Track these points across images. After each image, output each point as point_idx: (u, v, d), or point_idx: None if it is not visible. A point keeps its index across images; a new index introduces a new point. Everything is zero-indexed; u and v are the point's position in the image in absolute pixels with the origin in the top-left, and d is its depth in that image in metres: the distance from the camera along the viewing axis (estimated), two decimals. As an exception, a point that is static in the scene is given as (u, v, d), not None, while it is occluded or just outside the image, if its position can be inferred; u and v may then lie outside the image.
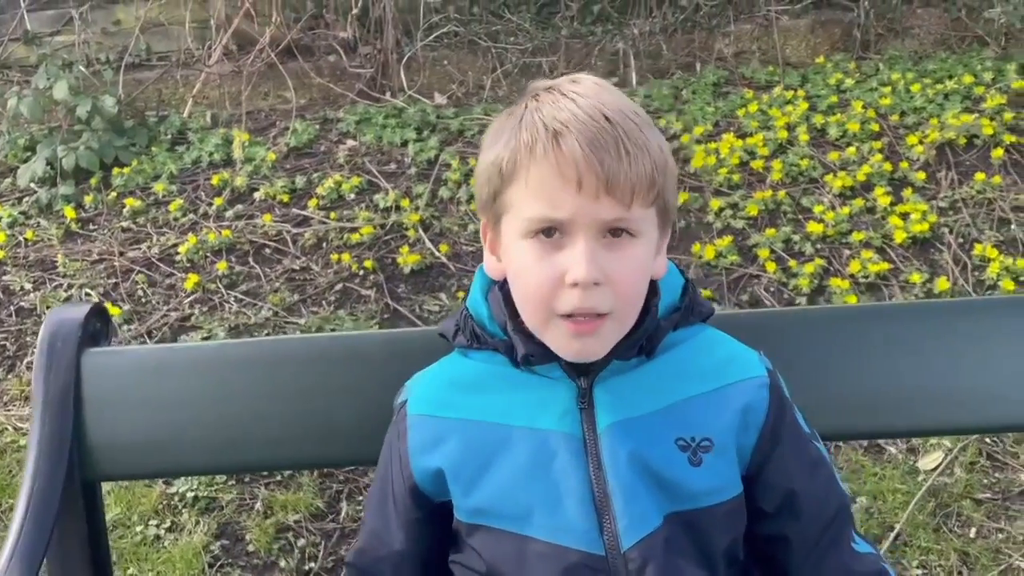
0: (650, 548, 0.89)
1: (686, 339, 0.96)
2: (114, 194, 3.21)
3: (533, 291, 0.90)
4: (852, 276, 2.62)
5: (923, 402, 1.17)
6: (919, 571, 1.88)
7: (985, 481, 2.08)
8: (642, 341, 0.93)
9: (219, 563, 1.97)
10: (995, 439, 2.17)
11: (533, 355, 0.93)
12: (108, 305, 2.68)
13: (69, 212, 3.12)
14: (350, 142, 3.42)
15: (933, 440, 2.16)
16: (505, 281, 0.96)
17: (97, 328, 1.16)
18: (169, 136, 3.50)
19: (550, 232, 0.88)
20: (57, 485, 1.06)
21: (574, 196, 0.86)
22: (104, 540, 1.17)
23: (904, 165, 3.00)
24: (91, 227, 3.12)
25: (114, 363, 1.16)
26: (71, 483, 1.09)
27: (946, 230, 2.77)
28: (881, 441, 2.18)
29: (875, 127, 3.17)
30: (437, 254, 2.83)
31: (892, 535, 1.93)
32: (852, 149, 3.08)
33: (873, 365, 1.16)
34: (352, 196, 3.11)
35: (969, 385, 1.17)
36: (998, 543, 1.93)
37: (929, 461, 2.13)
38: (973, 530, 1.96)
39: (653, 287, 0.94)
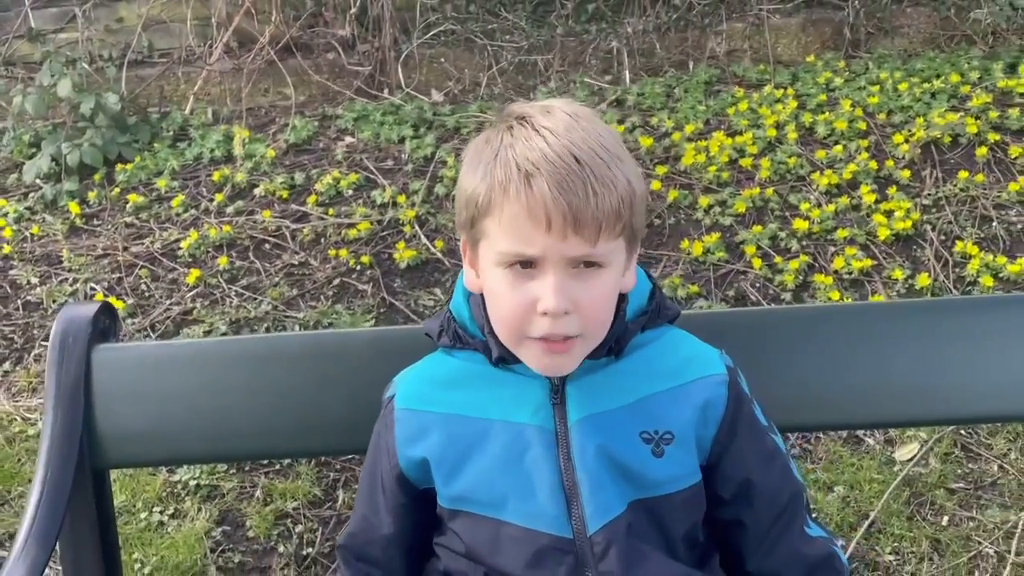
0: (613, 532, 0.97)
1: (653, 340, 1.04)
2: (117, 190, 3.29)
3: (507, 315, 0.97)
4: (836, 272, 2.70)
5: (901, 395, 1.24)
6: (892, 557, 1.96)
7: (959, 471, 2.15)
8: (611, 343, 1.00)
9: (220, 548, 2.05)
10: (970, 431, 2.25)
11: (507, 359, 1.00)
12: (112, 299, 2.76)
13: (74, 208, 3.19)
14: (348, 139, 3.49)
15: (910, 432, 2.24)
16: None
17: (106, 325, 1.23)
18: (171, 132, 3.57)
19: (523, 264, 0.94)
20: (69, 472, 1.14)
21: (544, 235, 0.92)
22: (113, 525, 1.24)
23: (890, 163, 3.07)
24: (95, 222, 3.19)
25: (122, 358, 1.23)
26: (82, 471, 1.17)
27: (929, 227, 2.84)
28: (860, 433, 2.26)
29: (862, 125, 3.24)
30: (432, 250, 2.90)
31: (867, 523, 2.01)
32: (839, 147, 3.15)
33: (852, 361, 1.23)
34: (350, 192, 3.19)
35: (945, 379, 1.24)
36: (969, 531, 2.00)
37: (905, 452, 2.20)
38: (945, 518, 2.04)
39: (622, 295, 1.01)
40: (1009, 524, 1.99)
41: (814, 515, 1.08)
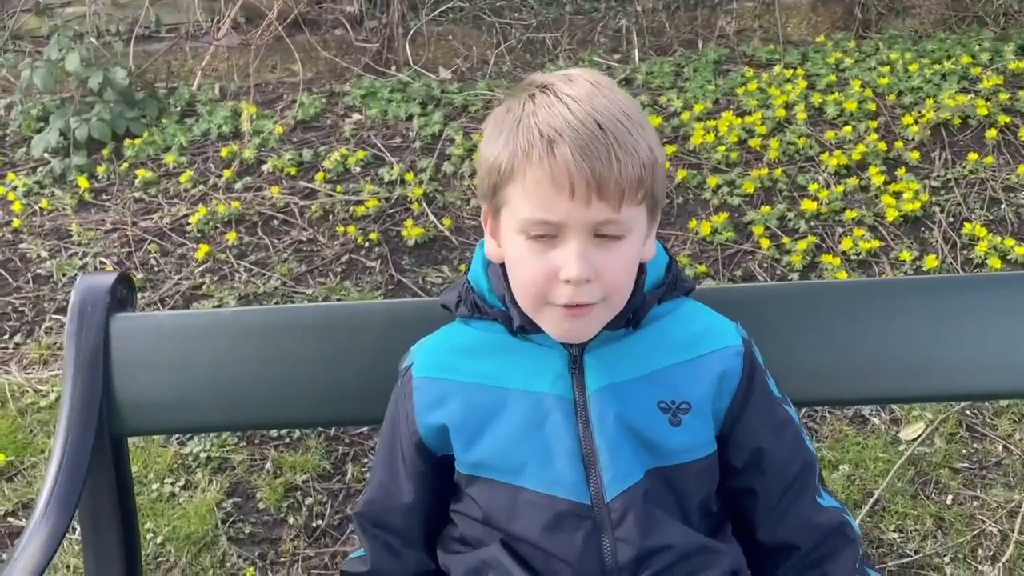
0: (631, 499, 0.98)
1: (669, 311, 1.04)
2: (126, 165, 3.29)
3: (528, 283, 0.97)
4: (844, 253, 2.70)
5: (905, 372, 1.25)
6: (896, 535, 1.98)
7: (964, 451, 2.17)
8: (629, 314, 1.01)
9: (231, 519, 2.08)
10: (975, 411, 2.26)
11: (527, 327, 1.01)
12: (122, 273, 2.77)
13: (83, 182, 3.20)
14: (356, 116, 3.49)
15: (915, 412, 2.25)
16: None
17: (123, 295, 1.24)
18: (179, 108, 3.57)
19: (545, 233, 0.95)
20: (88, 439, 1.16)
21: (567, 201, 0.92)
22: (130, 491, 1.26)
23: (899, 145, 3.06)
24: (104, 197, 3.20)
25: (139, 327, 1.24)
26: (101, 437, 1.18)
27: (937, 209, 2.84)
28: (865, 412, 2.28)
29: (872, 106, 3.23)
30: (440, 227, 2.90)
31: (871, 501, 2.02)
32: (848, 128, 3.14)
33: (856, 338, 1.24)
34: (358, 169, 3.19)
35: (950, 356, 1.25)
36: (973, 510, 2.02)
37: (911, 432, 2.22)
38: (949, 497, 2.05)
39: (640, 266, 1.02)
40: (1013, 503, 2.01)
41: (827, 487, 1.09)
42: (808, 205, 2.84)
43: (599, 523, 0.99)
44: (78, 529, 1.73)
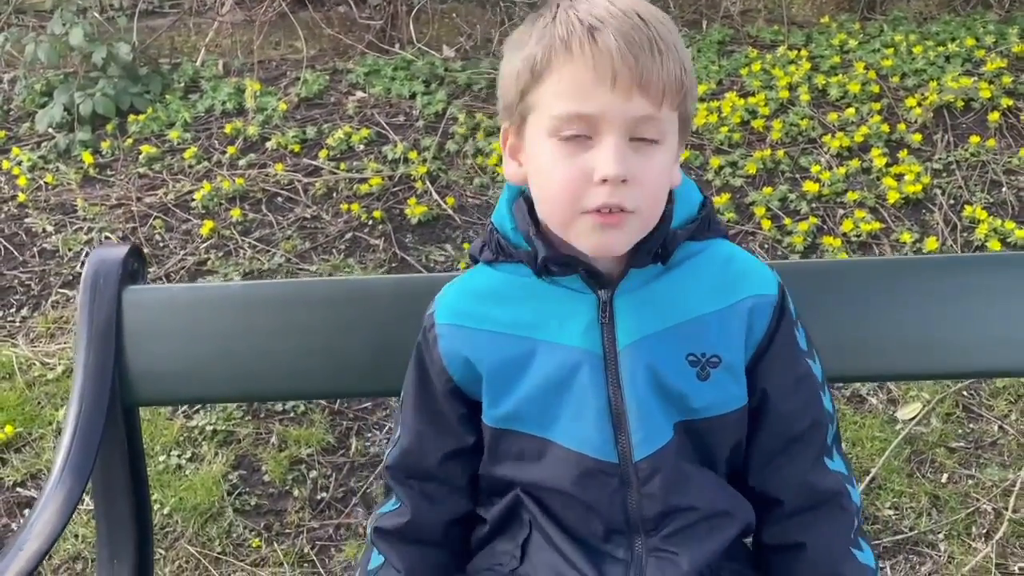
0: (659, 460, 0.98)
1: (701, 250, 1.00)
2: (130, 140, 3.30)
3: (559, 190, 0.92)
4: (845, 235, 2.71)
5: (904, 350, 1.26)
6: (891, 512, 2.01)
7: (960, 431, 2.20)
8: (657, 248, 0.96)
9: (237, 491, 2.11)
10: (972, 392, 2.29)
11: (553, 260, 0.96)
12: (127, 249, 2.79)
13: (87, 157, 3.21)
14: (359, 93, 3.49)
15: (913, 392, 2.28)
16: (528, 193, 0.99)
17: (135, 267, 1.26)
18: (182, 84, 3.57)
19: (578, 133, 0.90)
20: (101, 408, 1.18)
21: (608, 92, 0.88)
22: (142, 460, 1.28)
23: (902, 127, 3.07)
24: (108, 172, 3.21)
25: (151, 299, 1.26)
26: (113, 407, 1.20)
27: (939, 191, 2.85)
28: (863, 392, 2.30)
29: (875, 88, 3.23)
30: (444, 206, 2.92)
31: (868, 478, 2.05)
32: (851, 110, 3.15)
33: (854, 316, 1.25)
34: (361, 147, 3.20)
35: (948, 335, 1.26)
36: (967, 488, 2.05)
37: (908, 411, 2.24)
38: (945, 476, 2.08)
39: (670, 195, 0.97)
40: (1007, 482, 2.04)
41: (843, 453, 1.06)
42: (810, 187, 2.85)
43: (626, 480, 0.99)
44: (86, 500, 1.76)
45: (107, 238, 2.90)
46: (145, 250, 2.82)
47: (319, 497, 2.09)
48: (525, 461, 1.02)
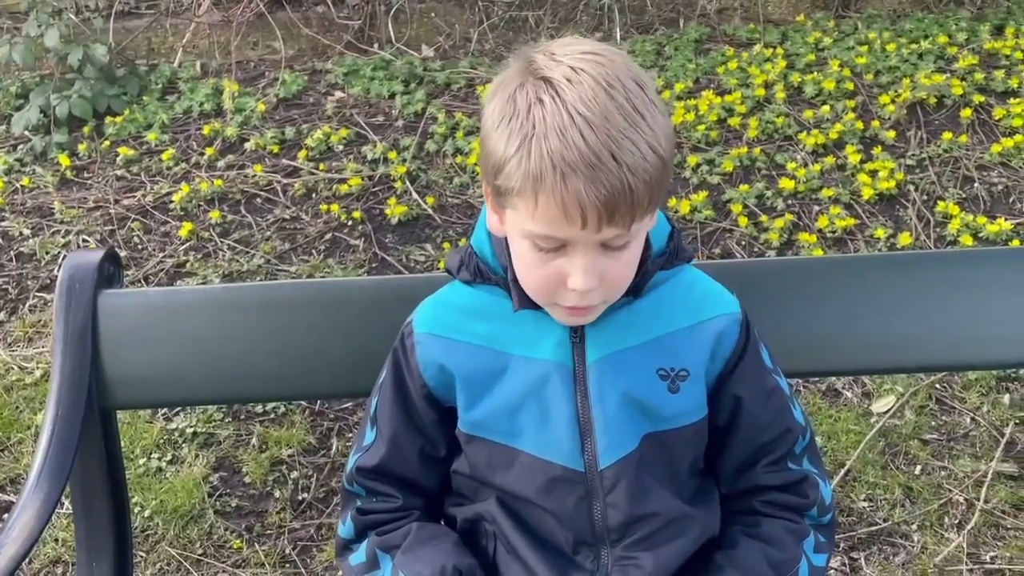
0: (624, 469, 1.02)
1: (669, 278, 1.05)
2: (107, 142, 3.28)
3: (534, 285, 0.98)
4: (820, 231, 2.75)
5: (877, 344, 1.29)
6: (866, 504, 2.04)
7: (933, 423, 2.23)
8: (632, 285, 1.02)
9: (218, 493, 2.11)
10: (944, 384, 2.32)
11: (529, 307, 1.02)
12: (105, 251, 2.78)
13: (64, 160, 3.19)
14: (338, 94, 3.49)
15: (887, 385, 2.31)
16: None
17: (111, 272, 1.26)
18: (160, 86, 3.56)
19: (552, 246, 0.94)
20: (78, 412, 1.18)
21: (577, 228, 0.90)
22: (120, 464, 1.29)
23: (876, 124, 3.11)
24: (86, 175, 3.19)
25: (127, 303, 1.27)
26: (90, 411, 1.21)
27: (912, 187, 2.89)
28: (838, 386, 2.33)
29: (850, 86, 3.27)
30: (424, 206, 2.92)
31: (843, 471, 2.09)
32: (827, 107, 3.18)
33: (832, 312, 1.28)
34: (340, 148, 3.20)
35: (920, 329, 1.29)
36: (940, 479, 2.09)
37: (882, 404, 2.28)
38: (918, 467, 2.12)
39: (646, 240, 1.02)
40: (979, 473, 2.08)
41: (815, 462, 1.10)
42: (786, 183, 2.89)
43: (591, 489, 1.03)
44: (66, 504, 1.76)
45: (85, 241, 2.88)
46: (123, 253, 2.81)
47: (300, 498, 2.10)
48: (495, 469, 1.06)
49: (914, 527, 1.98)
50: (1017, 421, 2.20)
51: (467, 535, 1.10)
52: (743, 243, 2.75)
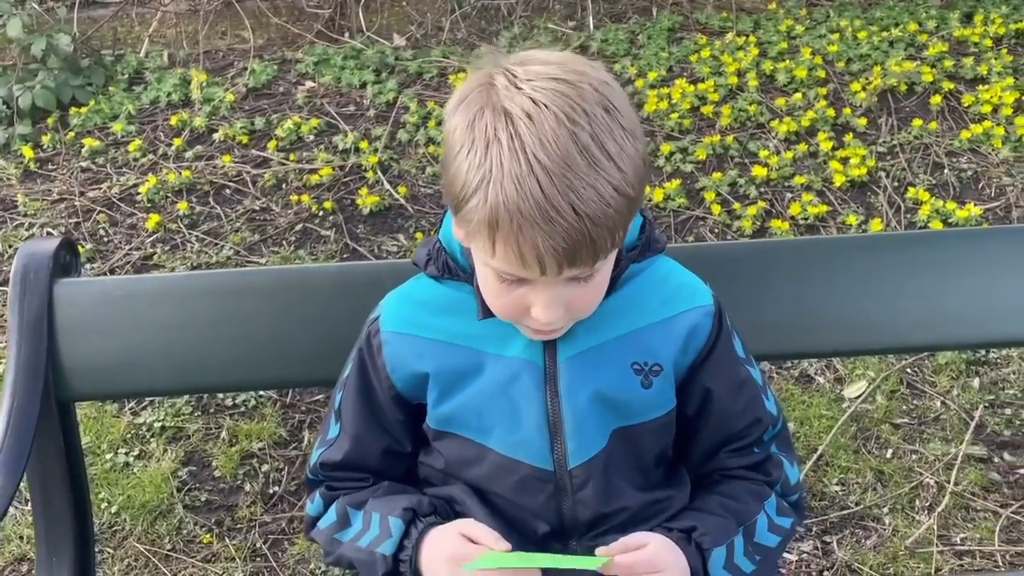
0: (592, 468, 1.01)
1: (642, 270, 1.03)
2: (72, 134, 3.22)
3: (499, 309, 0.95)
4: (792, 218, 2.75)
5: (847, 327, 1.29)
6: (838, 488, 2.05)
7: (904, 407, 2.25)
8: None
9: (187, 487, 2.08)
10: (915, 369, 2.34)
11: (492, 316, 0.99)
12: (70, 244, 2.72)
13: (27, 151, 3.12)
14: (309, 83, 3.45)
15: (858, 370, 2.33)
16: None
17: (67, 260, 1.23)
18: (126, 76, 3.50)
19: (513, 280, 0.91)
20: (35, 403, 1.15)
21: (537, 274, 0.88)
22: (80, 457, 1.26)
23: (847, 111, 3.12)
24: (50, 167, 3.13)
25: (84, 292, 1.24)
26: (47, 402, 1.18)
27: (883, 174, 2.91)
28: (810, 371, 2.34)
29: (822, 74, 3.28)
30: (396, 195, 2.90)
31: (815, 456, 2.09)
32: (799, 95, 3.19)
33: (803, 295, 1.28)
34: (311, 138, 3.16)
35: (891, 311, 1.29)
36: (911, 463, 2.10)
37: (854, 389, 2.29)
38: (890, 451, 2.13)
39: None
40: (949, 456, 2.09)
41: (784, 448, 1.10)
42: (759, 171, 2.89)
43: (561, 487, 1.02)
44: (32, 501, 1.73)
45: (49, 234, 2.83)
46: (88, 246, 2.76)
47: (271, 491, 2.07)
48: (465, 464, 1.04)
49: (885, 510, 2.00)
50: (986, 404, 2.22)
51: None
52: (716, 231, 2.75)
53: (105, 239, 2.81)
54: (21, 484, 1.15)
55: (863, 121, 3.09)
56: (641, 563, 0.95)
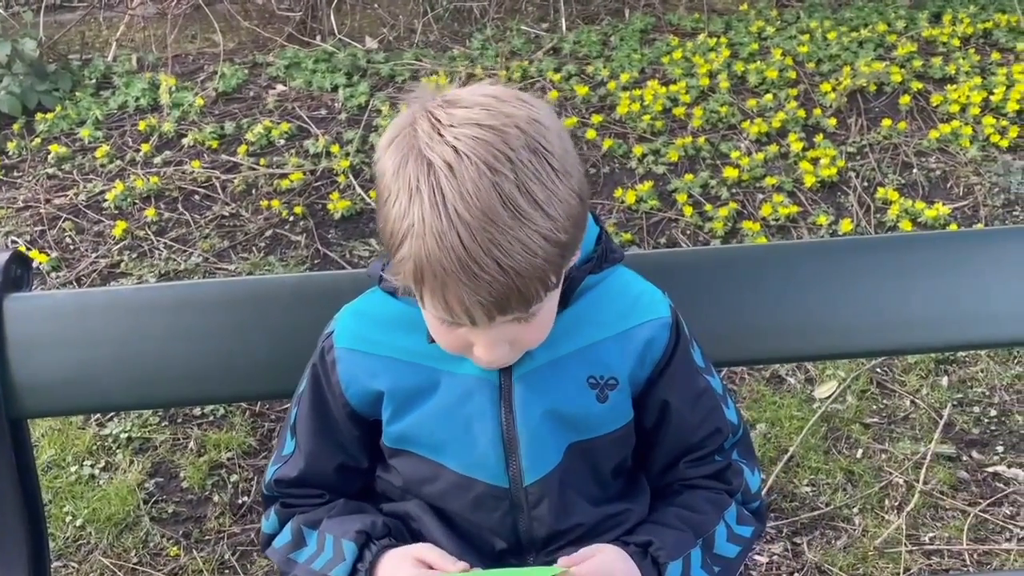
0: (547, 485, 1.01)
1: (599, 282, 1.02)
2: (38, 140, 3.18)
3: (443, 346, 0.94)
4: (764, 219, 2.76)
5: (816, 331, 1.29)
6: (808, 488, 2.06)
7: (874, 407, 2.26)
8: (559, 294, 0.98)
9: (154, 499, 2.05)
10: (885, 368, 2.35)
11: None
12: (35, 252, 2.68)
13: (-9, 159, 3.08)
14: (279, 87, 3.42)
15: (829, 371, 2.33)
16: None
17: (18, 274, 1.20)
18: (94, 81, 3.45)
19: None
20: (-16, 422, 1.13)
21: (468, 325, 0.88)
22: (34, 476, 1.23)
23: (817, 112, 3.13)
24: (15, 174, 3.08)
25: (35, 307, 1.21)
26: (-3, 421, 1.15)
27: (853, 174, 2.92)
28: (782, 373, 2.35)
29: (792, 74, 3.29)
30: (367, 200, 2.88)
31: (786, 457, 2.10)
32: (769, 96, 3.20)
33: (768, 299, 1.27)
34: (282, 142, 3.13)
35: (860, 315, 1.29)
36: (881, 462, 2.11)
37: (824, 390, 2.30)
38: (860, 451, 2.14)
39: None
40: (918, 455, 2.11)
41: (746, 456, 1.09)
42: (730, 172, 2.90)
43: (516, 504, 1.01)
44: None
45: (14, 242, 2.78)
46: (54, 254, 2.72)
47: (240, 501, 2.05)
48: (421, 482, 1.04)
49: (855, 510, 2.00)
50: (955, 403, 2.24)
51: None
52: (688, 232, 2.75)
53: (71, 247, 2.77)
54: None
55: (833, 121, 3.10)
56: (592, 572, 0.94)
